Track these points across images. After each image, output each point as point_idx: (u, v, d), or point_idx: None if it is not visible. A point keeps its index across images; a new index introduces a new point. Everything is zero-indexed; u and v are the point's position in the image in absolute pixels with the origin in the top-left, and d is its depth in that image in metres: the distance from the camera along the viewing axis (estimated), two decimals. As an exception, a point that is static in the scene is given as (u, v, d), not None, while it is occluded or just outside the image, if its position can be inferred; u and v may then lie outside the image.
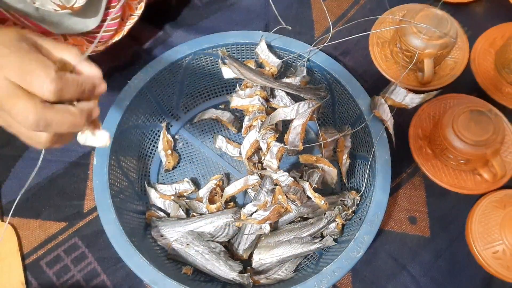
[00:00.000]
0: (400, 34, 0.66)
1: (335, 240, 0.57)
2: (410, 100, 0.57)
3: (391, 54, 0.72)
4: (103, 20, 0.63)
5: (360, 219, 0.56)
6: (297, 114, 0.55)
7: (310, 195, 0.55)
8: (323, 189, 0.59)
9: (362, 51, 0.73)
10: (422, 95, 0.56)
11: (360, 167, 0.62)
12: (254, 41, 0.64)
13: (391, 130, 0.56)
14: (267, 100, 0.61)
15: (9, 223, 0.62)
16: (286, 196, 0.54)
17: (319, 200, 0.54)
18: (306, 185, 0.55)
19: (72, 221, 0.62)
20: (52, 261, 0.60)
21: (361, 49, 0.73)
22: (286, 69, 0.66)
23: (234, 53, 0.66)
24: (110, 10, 0.63)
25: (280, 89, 0.59)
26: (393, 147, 0.57)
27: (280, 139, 0.56)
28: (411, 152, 0.65)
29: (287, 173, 0.54)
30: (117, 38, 0.66)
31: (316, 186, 0.56)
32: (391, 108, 0.57)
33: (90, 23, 0.62)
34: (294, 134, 0.56)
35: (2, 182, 0.65)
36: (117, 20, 0.64)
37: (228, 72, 0.60)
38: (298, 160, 0.60)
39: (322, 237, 0.58)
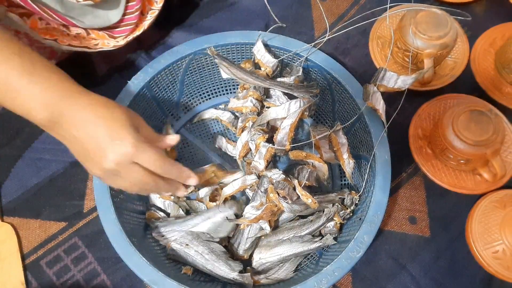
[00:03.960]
0: (400, 34, 0.66)
1: (334, 239, 0.57)
2: (403, 82, 0.56)
3: (391, 54, 0.72)
4: (124, 15, 0.65)
5: (360, 219, 0.56)
6: (288, 112, 0.55)
7: (298, 193, 0.54)
8: (320, 186, 0.59)
9: (362, 51, 0.73)
10: (413, 75, 0.56)
11: (360, 167, 0.62)
12: (254, 41, 0.64)
13: (383, 118, 0.56)
14: (261, 101, 0.61)
15: (9, 223, 0.62)
16: (278, 194, 0.54)
17: (306, 198, 0.54)
18: (296, 182, 0.54)
19: (72, 221, 0.62)
20: (52, 261, 0.60)
21: (361, 49, 0.73)
22: (283, 69, 0.66)
23: (234, 53, 0.66)
24: (130, 4, 0.65)
25: (272, 88, 0.59)
26: (392, 146, 0.57)
27: (271, 139, 0.56)
28: (411, 152, 0.65)
29: (280, 171, 0.54)
30: (138, 32, 0.67)
31: (307, 182, 0.55)
32: (382, 95, 0.56)
33: (112, 17, 0.64)
34: (282, 134, 0.55)
35: (2, 182, 0.65)
36: (137, 13, 0.65)
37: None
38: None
39: (322, 236, 0.58)
